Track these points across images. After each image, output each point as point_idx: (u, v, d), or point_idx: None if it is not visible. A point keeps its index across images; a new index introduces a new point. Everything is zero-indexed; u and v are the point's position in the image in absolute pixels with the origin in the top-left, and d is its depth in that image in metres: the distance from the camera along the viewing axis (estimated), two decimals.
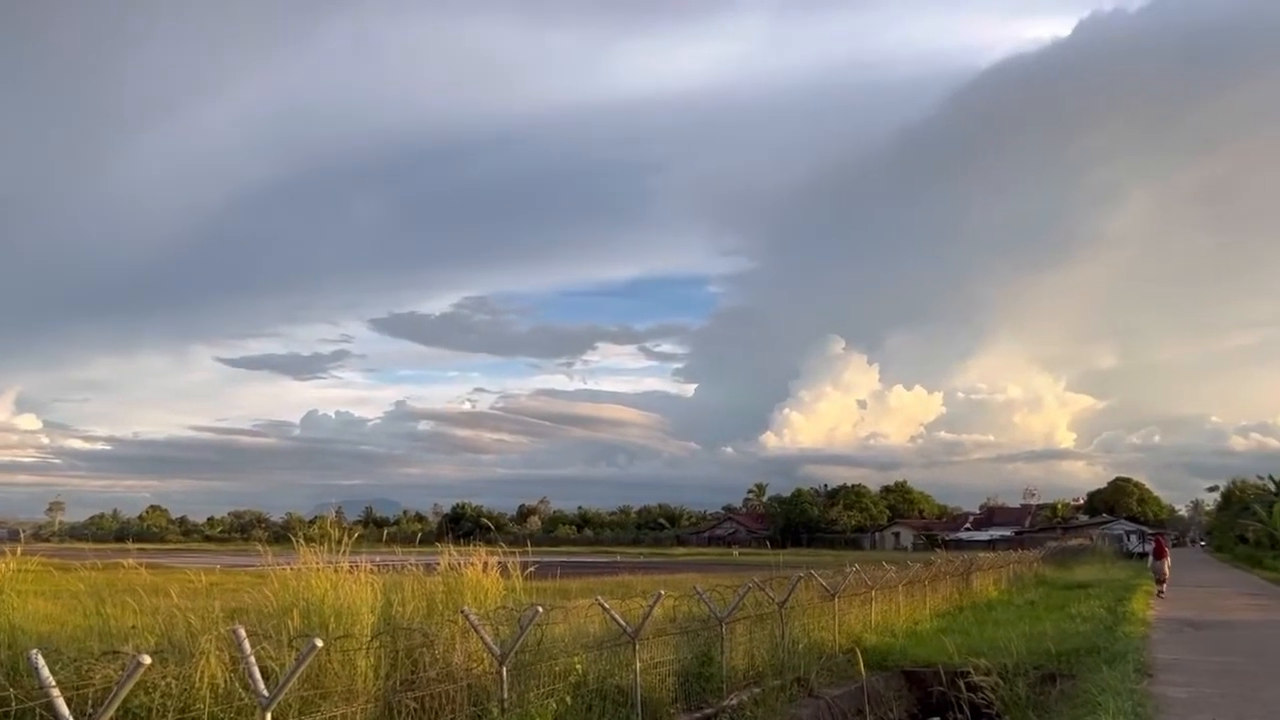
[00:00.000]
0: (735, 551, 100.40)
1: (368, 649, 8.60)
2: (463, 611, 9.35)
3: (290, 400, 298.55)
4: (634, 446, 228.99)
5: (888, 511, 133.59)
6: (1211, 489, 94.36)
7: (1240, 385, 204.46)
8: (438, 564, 11.40)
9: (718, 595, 15.33)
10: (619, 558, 77.12)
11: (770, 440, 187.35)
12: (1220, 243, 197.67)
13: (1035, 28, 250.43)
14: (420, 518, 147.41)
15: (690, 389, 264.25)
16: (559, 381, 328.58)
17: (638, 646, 11.37)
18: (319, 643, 6.85)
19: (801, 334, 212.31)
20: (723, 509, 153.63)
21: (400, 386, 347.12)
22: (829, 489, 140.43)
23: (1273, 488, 59.65)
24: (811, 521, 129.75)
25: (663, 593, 12.46)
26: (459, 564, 11.19)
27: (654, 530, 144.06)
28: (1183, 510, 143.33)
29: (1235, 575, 48.14)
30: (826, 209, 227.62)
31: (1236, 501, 73.47)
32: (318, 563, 9.57)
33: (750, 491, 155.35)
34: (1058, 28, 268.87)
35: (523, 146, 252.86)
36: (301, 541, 9.99)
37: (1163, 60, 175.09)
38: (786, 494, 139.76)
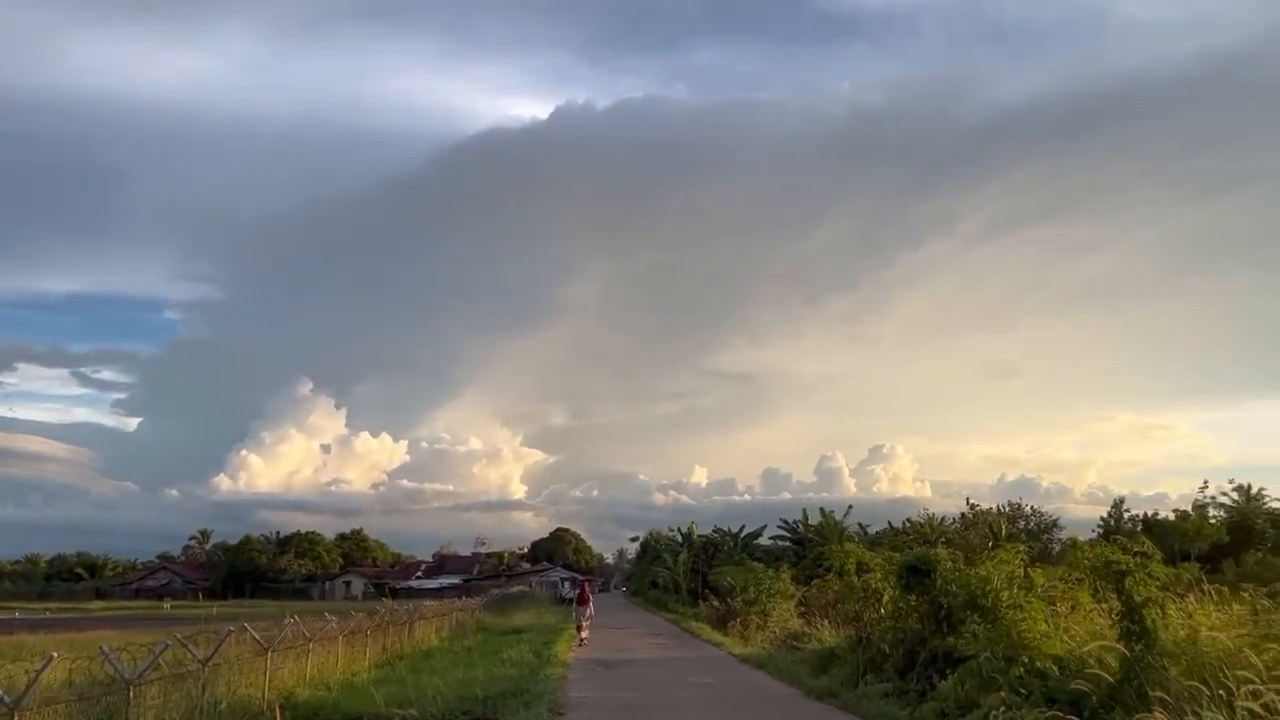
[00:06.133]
0: (167, 604, 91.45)
1: None
2: None
3: None
4: (54, 485, 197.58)
5: (341, 560, 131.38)
6: (634, 539, 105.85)
7: (664, 448, 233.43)
8: None
9: (131, 654, 13.89)
10: (18, 614, 66.22)
11: (224, 483, 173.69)
12: (656, 321, 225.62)
13: (518, 105, 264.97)
14: None
15: (133, 423, 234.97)
16: None
17: (18, 719, 9.76)
18: None
19: (268, 372, 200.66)
20: (157, 558, 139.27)
21: None
22: (281, 536, 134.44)
23: (680, 539, 68.23)
24: (259, 570, 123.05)
25: (55, 655, 10.87)
26: None
27: (69, 582, 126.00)
28: (610, 558, 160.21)
29: (645, 617, 54.34)
30: (307, 247, 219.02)
31: (651, 551, 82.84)
32: None
33: (193, 538, 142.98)
34: (538, 110, 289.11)
35: None
36: None
37: (621, 156, 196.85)
38: (235, 541, 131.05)
